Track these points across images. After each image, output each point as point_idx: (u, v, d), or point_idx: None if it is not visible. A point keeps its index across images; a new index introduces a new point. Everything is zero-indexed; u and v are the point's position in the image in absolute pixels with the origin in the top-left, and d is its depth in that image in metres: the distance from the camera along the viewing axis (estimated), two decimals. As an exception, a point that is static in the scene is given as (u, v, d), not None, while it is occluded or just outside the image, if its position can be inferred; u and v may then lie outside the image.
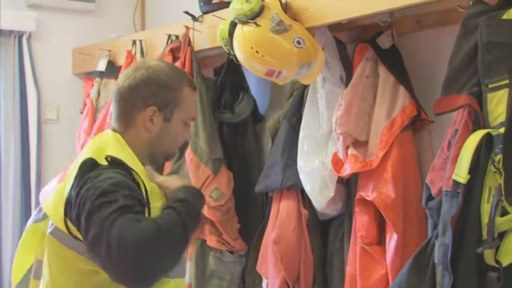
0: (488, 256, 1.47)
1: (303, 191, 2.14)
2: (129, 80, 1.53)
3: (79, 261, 1.42)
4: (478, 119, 1.54)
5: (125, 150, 1.49)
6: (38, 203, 3.36)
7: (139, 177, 1.42)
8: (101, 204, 1.31)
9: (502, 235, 1.47)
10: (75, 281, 1.46)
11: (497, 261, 1.47)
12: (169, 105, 1.51)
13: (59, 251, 1.47)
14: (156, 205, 1.42)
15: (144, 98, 1.50)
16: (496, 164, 1.45)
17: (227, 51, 2.20)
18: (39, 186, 3.31)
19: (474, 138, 1.49)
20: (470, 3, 1.61)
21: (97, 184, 1.35)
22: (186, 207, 1.36)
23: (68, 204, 1.40)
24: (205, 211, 2.39)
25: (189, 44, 2.53)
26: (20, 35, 3.30)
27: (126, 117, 1.52)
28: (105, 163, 1.41)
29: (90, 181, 1.37)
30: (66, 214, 1.41)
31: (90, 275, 1.42)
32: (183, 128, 1.56)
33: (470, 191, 1.50)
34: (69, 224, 1.41)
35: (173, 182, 1.46)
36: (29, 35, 3.33)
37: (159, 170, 1.64)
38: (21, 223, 3.26)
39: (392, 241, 1.86)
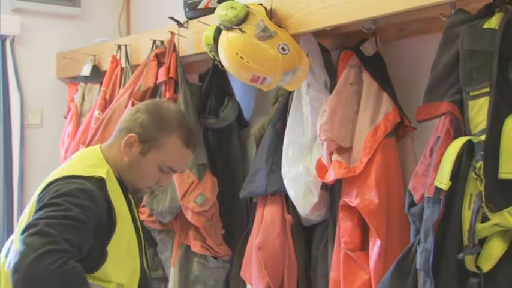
0: (469, 262, 1.49)
1: (287, 197, 2.14)
2: (141, 104, 1.66)
3: None
4: (459, 126, 1.56)
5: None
6: (20, 209, 3.34)
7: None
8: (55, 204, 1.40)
9: (482, 241, 1.48)
10: None
11: (477, 267, 1.48)
12: (150, 142, 1.58)
13: None
14: (123, 229, 1.50)
15: (135, 124, 1.60)
16: (476, 170, 1.46)
17: (212, 57, 2.21)
18: (21, 191, 3.29)
19: (456, 145, 1.51)
20: (452, 12, 1.63)
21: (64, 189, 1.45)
22: None
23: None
24: (190, 217, 2.39)
25: (174, 49, 2.53)
26: (3, 39, 3.28)
27: (120, 132, 1.62)
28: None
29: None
30: None
31: None
32: (156, 171, 1.60)
33: (452, 198, 1.52)
34: None
35: None
36: (13, 39, 3.31)
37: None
38: (3, 229, 3.23)
39: (375, 247, 1.87)
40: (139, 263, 1.63)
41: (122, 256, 1.55)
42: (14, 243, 1.51)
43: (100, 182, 1.52)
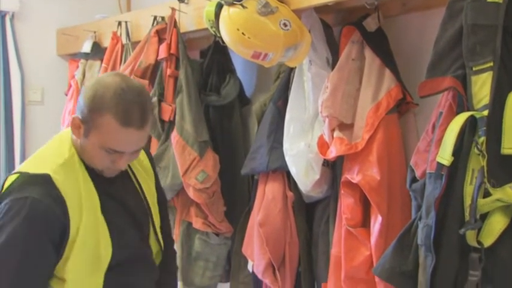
0: (470, 237, 1.49)
1: (288, 174, 2.14)
2: (87, 83, 1.56)
3: None
4: (462, 101, 1.55)
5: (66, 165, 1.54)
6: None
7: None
8: None
9: (484, 216, 1.49)
10: None
11: (479, 242, 1.49)
12: (88, 123, 1.50)
13: None
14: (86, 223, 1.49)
15: (78, 105, 1.54)
16: (479, 146, 1.46)
17: (213, 33, 2.19)
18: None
19: (458, 121, 1.50)
20: (456, -15, 1.61)
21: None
22: None
23: None
24: (191, 194, 2.40)
25: (175, 25, 2.51)
26: (3, 15, 3.25)
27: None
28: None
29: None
30: None
31: None
32: (102, 153, 1.51)
33: (454, 173, 1.52)
34: None
35: None
36: (12, 15, 3.28)
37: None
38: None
39: (376, 223, 1.88)
40: (136, 238, 1.62)
41: (80, 253, 1.50)
42: None
43: (43, 178, 1.47)
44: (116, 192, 1.61)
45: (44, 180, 1.47)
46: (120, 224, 1.58)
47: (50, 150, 1.59)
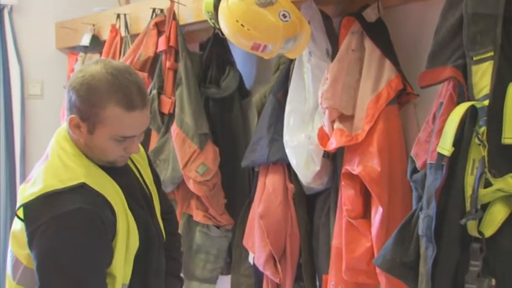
0: (472, 227, 1.49)
1: (289, 166, 2.14)
2: (71, 80, 1.48)
3: None
4: (462, 91, 1.54)
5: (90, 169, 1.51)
6: (22, 178, 3.35)
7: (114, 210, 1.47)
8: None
9: (484, 207, 1.48)
10: None
11: (480, 233, 1.49)
12: (90, 119, 1.45)
13: None
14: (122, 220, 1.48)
15: (71, 104, 1.47)
16: (480, 136, 1.45)
17: (212, 25, 2.18)
18: (23, 161, 3.29)
19: (459, 111, 1.50)
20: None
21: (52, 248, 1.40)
22: None
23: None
24: (192, 186, 2.40)
25: (174, 18, 2.50)
26: (1, 8, 3.24)
27: (66, 112, 1.50)
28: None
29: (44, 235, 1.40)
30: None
31: None
32: (113, 143, 1.48)
33: (455, 164, 1.51)
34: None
35: None
36: (11, 8, 3.27)
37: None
38: (6, 199, 3.24)
39: (377, 214, 1.88)
40: (151, 229, 1.62)
41: (120, 246, 1.50)
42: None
43: (81, 188, 1.43)
44: (126, 182, 1.59)
45: (82, 189, 1.44)
46: (139, 212, 1.58)
47: (57, 162, 1.51)
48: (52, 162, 1.52)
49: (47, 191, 1.43)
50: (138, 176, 1.69)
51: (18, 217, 1.46)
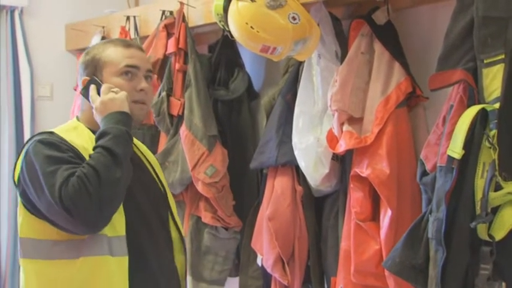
0: (482, 231, 1.49)
1: (297, 168, 2.14)
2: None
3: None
4: (473, 94, 1.54)
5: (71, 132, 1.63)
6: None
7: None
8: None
9: (495, 210, 1.48)
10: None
11: (490, 236, 1.48)
12: (96, 68, 1.59)
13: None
14: None
15: (80, 75, 1.63)
16: (490, 139, 1.45)
17: (222, 27, 2.19)
18: (33, 163, 3.29)
19: (469, 114, 1.50)
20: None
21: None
22: (109, 140, 1.46)
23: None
24: (200, 188, 2.40)
25: (184, 20, 2.51)
26: (12, 10, 3.26)
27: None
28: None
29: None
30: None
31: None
32: (122, 81, 1.57)
33: (465, 167, 1.51)
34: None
35: (106, 107, 1.52)
36: (21, 10, 3.29)
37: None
38: (16, 200, 3.25)
39: (386, 217, 1.87)
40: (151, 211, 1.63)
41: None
42: None
43: (50, 134, 1.59)
44: (139, 176, 1.60)
45: (48, 134, 1.62)
46: (141, 199, 1.60)
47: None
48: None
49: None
50: (154, 175, 1.70)
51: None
